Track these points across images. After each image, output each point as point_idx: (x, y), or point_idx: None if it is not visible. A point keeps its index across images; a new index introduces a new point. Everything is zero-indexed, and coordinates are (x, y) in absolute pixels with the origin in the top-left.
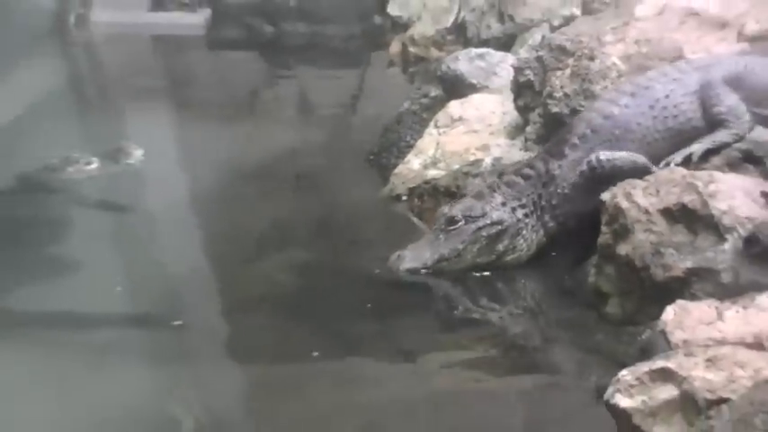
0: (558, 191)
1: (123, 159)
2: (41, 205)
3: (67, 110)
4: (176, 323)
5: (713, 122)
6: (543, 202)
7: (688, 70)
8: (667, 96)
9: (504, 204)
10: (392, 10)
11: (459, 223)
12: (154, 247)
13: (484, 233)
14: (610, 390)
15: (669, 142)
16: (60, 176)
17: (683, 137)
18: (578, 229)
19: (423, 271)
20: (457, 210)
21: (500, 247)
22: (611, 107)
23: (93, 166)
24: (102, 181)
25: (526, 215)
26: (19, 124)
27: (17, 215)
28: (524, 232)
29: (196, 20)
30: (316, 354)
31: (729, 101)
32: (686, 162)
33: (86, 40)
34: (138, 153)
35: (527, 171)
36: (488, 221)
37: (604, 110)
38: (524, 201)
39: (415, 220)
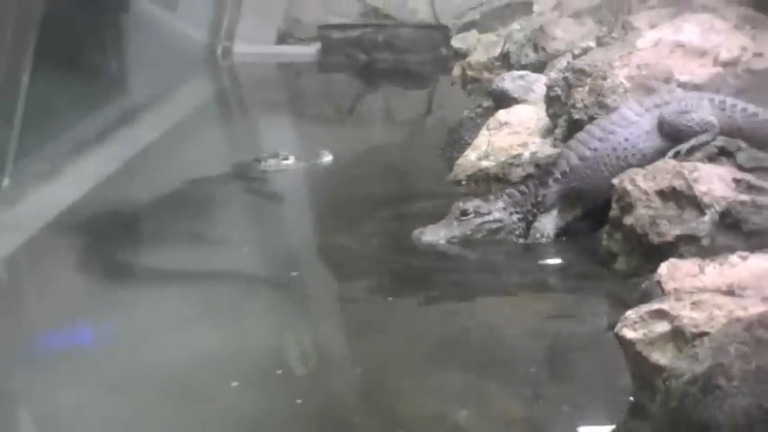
0: (543, 211)
1: (313, 159)
2: (237, 187)
3: (217, 116)
4: (294, 274)
5: (690, 135)
6: (530, 217)
7: (642, 112)
8: (627, 139)
9: (504, 209)
10: (455, 43)
11: (470, 215)
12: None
13: (486, 226)
14: (618, 325)
15: None
16: (262, 167)
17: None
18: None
19: (438, 244)
20: (470, 205)
21: (497, 238)
22: (585, 150)
23: (290, 161)
24: (290, 174)
25: (519, 219)
26: (183, 126)
27: (215, 193)
28: (516, 231)
29: (309, 51)
30: (390, 299)
31: (700, 116)
32: (676, 156)
33: (229, 65)
34: (327, 157)
35: (523, 188)
36: (491, 218)
37: (579, 152)
38: (519, 209)
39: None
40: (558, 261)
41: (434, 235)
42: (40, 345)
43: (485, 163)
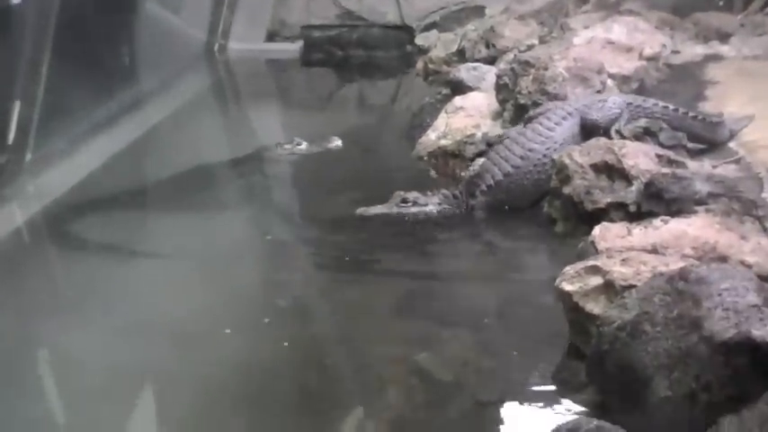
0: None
1: (324, 144)
2: (256, 168)
3: (215, 103)
4: (268, 238)
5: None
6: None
7: (553, 126)
8: (545, 155)
9: (439, 204)
10: (418, 41)
11: (408, 204)
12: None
13: (420, 216)
14: (558, 279)
15: (548, 184)
16: (279, 152)
17: None
18: None
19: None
20: (410, 195)
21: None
22: (508, 167)
23: (303, 146)
24: (302, 157)
25: (447, 218)
26: (186, 112)
27: (234, 174)
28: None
29: (293, 48)
30: (347, 259)
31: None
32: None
33: (225, 60)
34: (336, 142)
35: (456, 193)
36: (426, 210)
37: (503, 168)
38: (449, 209)
39: (432, 172)
40: (503, 226)
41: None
42: (57, 296)
43: (443, 141)
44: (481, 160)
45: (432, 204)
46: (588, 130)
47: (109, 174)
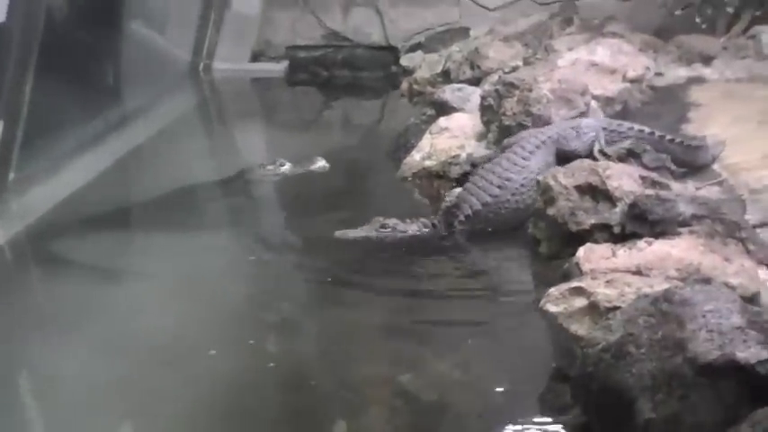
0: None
1: (307, 165)
2: (239, 189)
3: (200, 122)
4: (251, 258)
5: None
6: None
7: (528, 155)
8: (522, 185)
9: (417, 231)
10: (403, 62)
11: (387, 230)
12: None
13: (398, 243)
14: (543, 300)
15: (526, 212)
16: (262, 173)
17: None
18: None
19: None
20: (390, 221)
21: None
22: (486, 197)
23: (286, 167)
24: (285, 178)
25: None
26: (170, 131)
27: (216, 194)
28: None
29: (279, 68)
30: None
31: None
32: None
33: (210, 80)
34: (320, 162)
35: (435, 222)
36: (405, 237)
37: (481, 198)
38: (428, 236)
39: (416, 192)
40: (487, 246)
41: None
42: (39, 318)
43: (428, 162)
44: (457, 190)
45: (411, 231)
46: (566, 158)
47: (93, 193)
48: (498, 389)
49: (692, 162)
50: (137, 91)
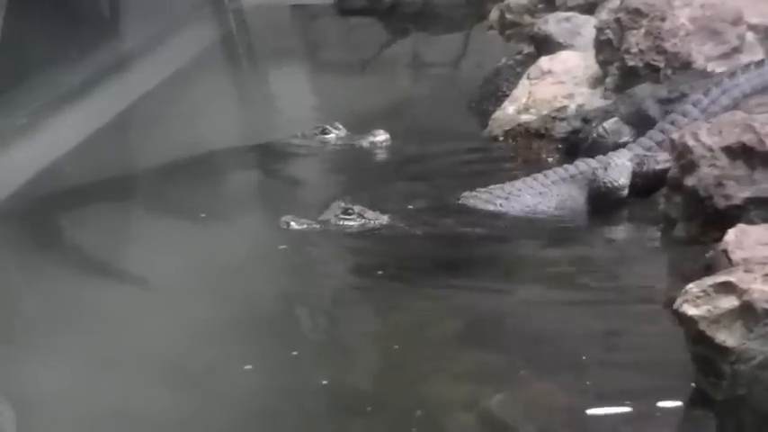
0: None
1: (362, 139)
2: (268, 160)
3: (221, 66)
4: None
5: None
6: None
7: (549, 184)
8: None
9: (390, 220)
10: None
11: (353, 215)
12: None
13: (365, 233)
14: (678, 300)
15: None
16: (302, 141)
17: None
18: None
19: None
20: (356, 207)
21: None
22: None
23: (332, 135)
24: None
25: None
26: (177, 80)
27: (238, 166)
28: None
29: None
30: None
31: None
32: None
33: (237, 9)
34: (381, 136)
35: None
36: (373, 226)
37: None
38: (404, 226)
39: (510, 156)
40: (610, 230)
41: (301, 225)
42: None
43: (524, 117)
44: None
45: (381, 220)
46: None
47: (80, 159)
48: (619, 418)
49: None
50: (140, 24)
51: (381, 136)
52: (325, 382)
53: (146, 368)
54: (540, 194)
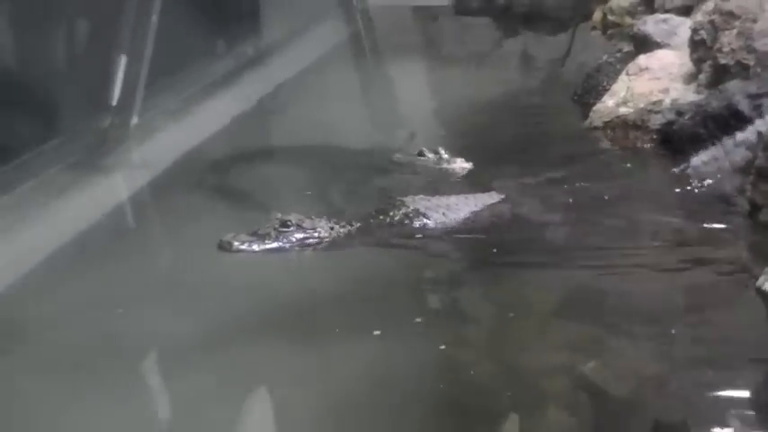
0: None
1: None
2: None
3: (350, 59)
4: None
5: None
6: None
7: None
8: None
9: (332, 229)
10: None
11: (291, 228)
12: None
13: (306, 242)
14: (761, 278)
15: None
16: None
17: None
18: None
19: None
20: (292, 217)
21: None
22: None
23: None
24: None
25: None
26: (310, 72)
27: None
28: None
29: None
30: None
31: None
32: None
33: (364, 9)
34: (462, 164)
35: (352, 222)
36: (315, 235)
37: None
38: (343, 236)
39: (607, 145)
40: (694, 215)
41: (247, 244)
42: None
43: (623, 109)
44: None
45: (322, 228)
46: None
47: (227, 139)
48: (703, 387)
49: None
50: (278, 22)
51: (462, 164)
52: None
53: None
54: None
